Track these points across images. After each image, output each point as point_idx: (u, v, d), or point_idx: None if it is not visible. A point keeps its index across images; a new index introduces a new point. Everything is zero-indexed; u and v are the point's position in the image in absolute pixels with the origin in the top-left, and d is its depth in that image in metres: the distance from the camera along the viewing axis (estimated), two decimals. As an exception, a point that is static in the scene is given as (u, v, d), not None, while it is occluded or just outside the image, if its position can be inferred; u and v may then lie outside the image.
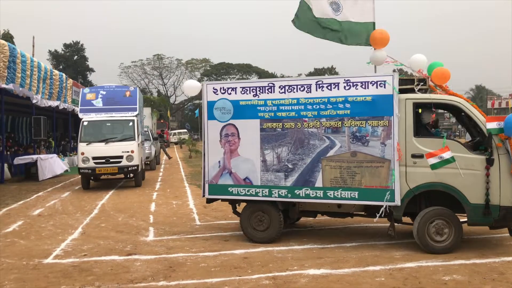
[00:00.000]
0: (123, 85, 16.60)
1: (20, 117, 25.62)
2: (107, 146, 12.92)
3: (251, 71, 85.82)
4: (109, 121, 13.59)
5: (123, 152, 12.89)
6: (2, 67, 13.15)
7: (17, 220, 8.77)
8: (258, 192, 6.57)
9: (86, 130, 13.23)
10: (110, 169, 12.85)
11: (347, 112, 6.19)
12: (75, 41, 73.91)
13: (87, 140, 12.96)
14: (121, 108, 13.75)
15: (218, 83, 6.89)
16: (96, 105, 13.70)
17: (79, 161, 12.87)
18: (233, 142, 6.70)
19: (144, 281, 5.07)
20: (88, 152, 12.74)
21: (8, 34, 39.27)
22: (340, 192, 6.20)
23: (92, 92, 14.20)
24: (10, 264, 5.82)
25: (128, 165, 12.94)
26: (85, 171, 12.76)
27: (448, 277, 5.00)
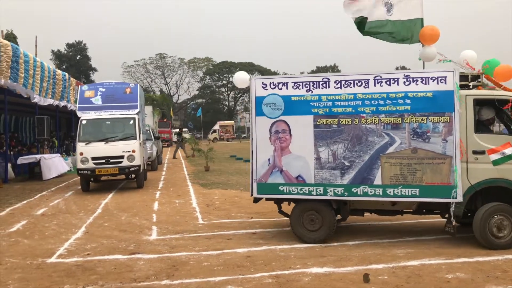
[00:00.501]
0: (123, 82, 15.56)
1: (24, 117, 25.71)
2: (107, 145, 12.35)
3: (253, 69, 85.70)
4: (109, 119, 13.02)
5: (124, 152, 12.28)
6: (5, 67, 13.17)
7: (21, 219, 8.81)
8: (312, 191, 6.38)
9: (85, 129, 12.69)
10: (110, 170, 12.24)
11: (407, 108, 6.15)
12: (77, 41, 74.16)
13: (86, 140, 12.42)
14: (121, 105, 13.15)
15: (268, 78, 6.68)
16: (95, 102, 13.07)
17: (78, 162, 12.28)
18: (284, 139, 6.49)
19: (147, 280, 5.08)
20: (87, 152, 12.18)
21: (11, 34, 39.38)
22: (400, 190, 6.11)
23: (91, 89, 13.52)
24: (14, 263, 5.85)
25: (129, 166, 12.32)
26: (84, 172, 12.16)
27: (451, 275, 5.00)
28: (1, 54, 12.85)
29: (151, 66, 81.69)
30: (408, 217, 8.15)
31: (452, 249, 6.01)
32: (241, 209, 9.37)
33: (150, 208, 9.77)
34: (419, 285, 4.74)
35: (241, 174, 16.40)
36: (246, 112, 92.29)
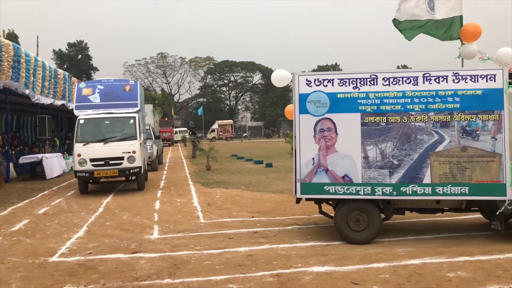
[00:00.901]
0: (122, 79, 14.75)
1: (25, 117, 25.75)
2: (106, 146, 11.78)
3: (254, 68, 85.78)
4: (107, 118, 12.43)
5: (124, 153, 11.71)
6: (7, 67, 13.20)
7: (22, 218, 8.83)
8: (359, 190, 6.25)
9: (83, 128, 12.10)
10: (110, 172, 11.68)
11: (456, 106, 6.13)
12: (79, 40, 74.27)
13: (84, 140, 11.86)
14: (120, 104, 12.51)
15: (313, 75, 6.52)
16: (93, 101, 12.42)
17: (75, 164, 11.67)
18: (329, 138, 6.34)
19: (149, 279, 5.09)
20: (85, 154, 11.59)
21: (13, 34, 39.42)
22: (449, 188, 6.10)
23: (88, 86, 12.79)
24: (16, 262, 5.86)
25: (129, 167, 11.72)
26: (82, 174, 11.57)
27: (453, 273, 5.00)
28: (3, 54, 12.87)
29: (152, 66, 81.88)
30: (409, 216, 8.15)
31: (453, 248, 6.01)
32: (242, 208, 9.38)
33: (151, 207, 9.79)
34: (420, 284, 4.74)
35: (242, 173, 16.42)
36: (247, 111, 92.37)
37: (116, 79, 13.38)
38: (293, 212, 8.79)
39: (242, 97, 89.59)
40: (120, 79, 13.66)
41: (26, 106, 19.10)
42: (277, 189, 12.04)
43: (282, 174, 15.42)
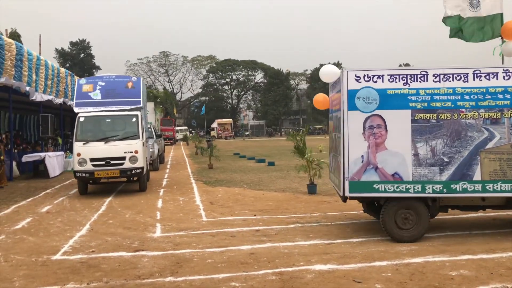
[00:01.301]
0: (124, 75, 13.85)
1: (28, 115, 25.81)
2: (107, 145, 11.28)
3: (256, 67, 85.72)
4: (109, 116, 11.89)
5: (126, 153, 11.22)
6: (10, 66, 13.22)
7: (25, 217, 8.86)
8: (409, 188, 6.20)
9: (83, 127, 11.58)
10: (110, 172, 11.18)
11: (507, 103, 6.14)
12: (81, 39, 74.33)
13: (84, 139, 11.35)
14: (122, 101, 11.95)
15: (362, 70, 6.37)
16: (94, 97, 11.87)
17: (75, 163, 11.15)
18: (379, 135, 6.25)
19: (152, 277, 5.10)
20: (85, 153, 11.08)
21: (16, 33, 39.46)
22: (500, 185, 6.10)
23: (89, 83, 12.22)
24: (19, 260, 5.89)
25: (131, 168, 11.23)
26: (81, 174, 11.09)
27: (455, 272, 4.99)
28: (5, 53, 12.88)
29: (155, 64, 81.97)
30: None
31: (455, 246, 6.01)
32: (244, 207, 9.39)
33: (154, 206, 9.80)
34: (422, 282, 4.74)
35: (244, 171, 16.43)
36: (249, 110, 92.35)
37: (118, 75, 12.87)
38: (295, 210, 8.79)
39: (244, 95, 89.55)
40: (122, 75, 13.01)
41: (29, 104, 19.13)
42: (279, 187, 12.05)
43: (284, 173, 15.42)
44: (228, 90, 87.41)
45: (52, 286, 4.89)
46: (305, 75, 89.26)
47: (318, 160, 11.12)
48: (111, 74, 12.78)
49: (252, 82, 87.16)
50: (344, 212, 8.56)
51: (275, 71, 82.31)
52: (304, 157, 11.15)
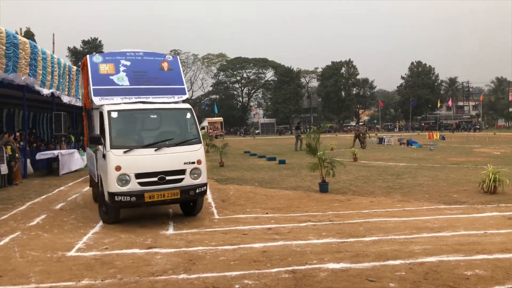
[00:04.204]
0: (154, 52, 9.22)
1: (41, 113, 26.13)
2: (159, 154, 7.56)
3: (267, 65, 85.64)
4: (153, 110, 8.26)
5: (186, 164, 7.70)
6: (24, 65, 13.40)
7: (40, 214, 8.97)
8: None
9: (117, 126, 7.74)
10: (168, 194, 7.45)
11: None
12: (93, 38, 74.97)
13: (124, 145, 7.53)
14: (160, 89, 8.50)
15: None
16: (118, 83, 8.25)
17: (111, 182, 7.31)
18: None
19: (165, 274, 5.13)
20: (128, 166, 7.33)
21: (30, 32, 39.97)
22: None
23: (107, 61, 8.52)
24: (35, 256, 5.97)
25: (194, 185, 7.70)
26: (124, 198, 7.27)
27: (470, 272, 4.94)
28: (20, 52, 13.05)
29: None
30: (424, 213, 8.09)
31: (470, 245, 5.94)
32: (256, 205, 9.39)
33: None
34: (437, 281, 4.69)
35: (255, 170, 16.43)
36: (260, 108, 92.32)
37: (146, 52, 9.05)
38: (307, 209, 8.77)
39: (254, 93, 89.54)
40: (152, 52, 9.13)
41: (42, 103, 19.38)
42: (290, 186, 12.02)
43: (295, 171, 15.39)
44: (238, 88, 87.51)
45: (67, 282, 4.94)
46: (316, 72, 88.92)
47: (330, 159, 11.08)
48: (136, 50, 9.02)
49: (262, 80, 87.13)
50: (356, 211, 8.52)
51: (286, 69, 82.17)
52: (316, 155, 11.11)
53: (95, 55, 8.71)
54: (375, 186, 11.60)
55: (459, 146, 29.90)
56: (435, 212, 8.22)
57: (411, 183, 11.97)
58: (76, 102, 19.43)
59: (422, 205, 8.91)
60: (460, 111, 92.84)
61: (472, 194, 9.94)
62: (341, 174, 13.23)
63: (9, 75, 12.56)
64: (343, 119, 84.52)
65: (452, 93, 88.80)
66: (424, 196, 9.87)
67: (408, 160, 19.16)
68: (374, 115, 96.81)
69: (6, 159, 12.98)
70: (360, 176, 13.57)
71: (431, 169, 15.40)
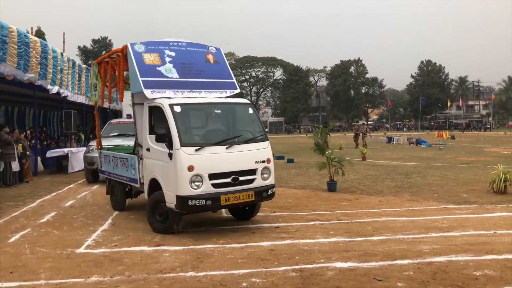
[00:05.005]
0: (197, 43, 8.35)
1: (52, 112, 26.37)
2: (231, 152, 6.85)
3: (276, 64, 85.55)
4: (217, 105, 7.54)
5: (257, 163, 7.12)
6: (35, 63, 13.53)
7: (50, 211, 9.07)
8: None
9: (184, 122, 6.96)
10: (243, 196, 6.80)
11: None
12: (103, 37, 75.45)
13: (195, 142, 6.82)
14: (210, 82, 7.80)
15: None
16: (167, 75, 7.45)
17: (183, 184, 6.45)
18: None
19: (173, 271, 5.16)
20: (201, 166, 6.55)
21: (40, 31, 40.35)
22: None
23: (151, 51, 7.61)
24: (45, 253, 6.03)
25: (265, 186, 7.17)
26: (198, 202, 6.46)
27: (479, 272, 4.90)
28: (31, 50, 13.18)
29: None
30: (432, 213, 8.04)
31: (479, 245, 5.89)
32: (264, 203, 9.36)
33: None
34: (445, 281, 4.67)
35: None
36: (268, 106, 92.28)
37: (189, 42, 8.20)
38: (315, 208, 8.76)
39: (263, 92, 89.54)
40: (195, 43, 8.31)
41: (52, 101, 19.55)
42: (298, 184, 12.01)
43: (303, 170, 15.37)
44: (247, 87, 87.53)
45: (76, 279, 4.99)
46: (325, 71, 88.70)
47: (338, 158, 11.04)
48: (179, 40, 8.14)
49: (271, 79, 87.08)
50: (364, 210, 8.49)
51: (295, 68, 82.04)
52: (324, 154, 11.08)
53: (137, 44, 7.65)
54: (383, 185, 11.55)
55: (469, 145, 29.64)
56: (444, 211, 8.16)
57: (420, 182, 11.90)
58: (86, 100, 19.58)
59: (431, 204, 8.86)
60: (470, 111, 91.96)
61: (482, 194, 9.86)
62: (350, 173, 13.18)
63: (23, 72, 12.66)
64: (352, 118, 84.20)
65: (462, 92, 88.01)
66: (433, 196, 9.81)
67: (417, 159, 19.04)
68: (383, 114, 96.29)
69: (17, 155, 13.14)
70: (369, 175, 13.51)
71: (440, 168, 15.30)
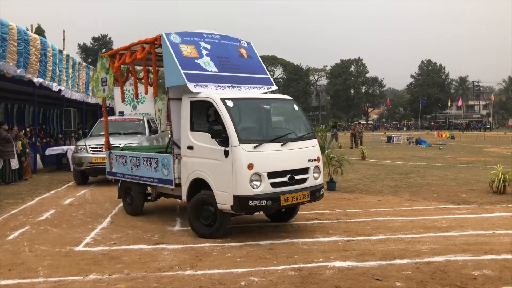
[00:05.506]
0: (228, 36, 7.88)
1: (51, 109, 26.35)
2: (285, 150, 6.47)
3: (276, 63, 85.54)
4: (265, 101, 7.27)
5: (310, 162, 6.77)
6: (35, 61, 13.51)
7: (49, 209, 9.06)
8: None
9: (239, 118, 6.58)
10: (299, 196, 6.46)
11: None
12: (103, 34, 75.44)
13: (253, 139, 6.36)
14: (246, 77, 7.48)
15: None
16: (206, 68, 7.01)
17: (243, 183, 6.03)
18: None
19: (172, 270, 5.16)
20: (260, 164, 6.16)
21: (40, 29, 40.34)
22: None
23: (186, 42, 7.11)
24: (43, 251, 6.03)
25: (317, 186, 6.84)
26: (260, 203, 6.08)
27: (478, 272, 4.90)
28: (30, 48, 13.17)
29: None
30: (431, 213, 8.04)
31: (478, 245, 5.89)
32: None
33: (173, 200, 9.86)
34: (444, 281, 4.67)
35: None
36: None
37: (222, 35, 7.73)
38: (314, 207, 8.76)
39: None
40: (227, 36, 7.86)
41: (52, 99, 19.54)
42: (298, 183, 11.99)
43: (303, 169, 15.33)
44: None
45: (75, 277, 4.99)
46: (325, 70, 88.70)
47: (338, 157, 11.04)
48: (212, 32, 7.66)
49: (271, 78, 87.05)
50: (363, 209, 8.50)
51: (295, 67, 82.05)
52: (323, 153, 11.07)
53: (171, 34, 7.13)
54: (383, 185, 11.55)
55: (469, 145, 29.65)
56: (443, 211, 8.16)
57: (420, 182, 11.91)
58: (86, 98, 19.57)
59: (430, 204, 8.86)
60: (470, 111, 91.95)
61: (481, 194, 9.86)
62: (349, 173, 13.18)
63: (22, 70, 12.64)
64: (352, 117, 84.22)
65: (462, 92, 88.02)
66: (432, 196, 9.81)
67: (417, 159, 19.04)
68: (383, 113, 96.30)
69: (17, 153, 13.13)
70: (368, 175, 13.52)
71: (440, 168, 15.30)
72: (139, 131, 13.58)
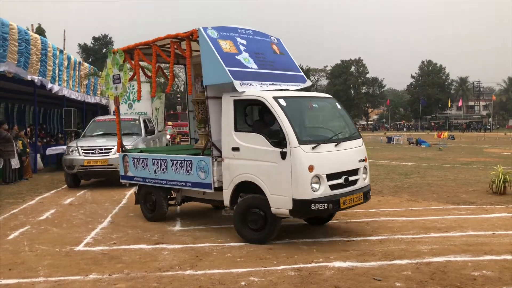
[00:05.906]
0: (259, 31, 7.64)
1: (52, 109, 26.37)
2: (339, 150, 6.23)
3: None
4: (312, 99, 7.10)
5: (360, 162, 6.58)
6: (35, 61, 13.52)
7: (49, 208, 9.07)
8: None
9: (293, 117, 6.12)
10: (355, 198, 6.28)
11: None
12: (103, 34, 75.34)
13: (311, 139, 6.15)
14: (282, 75, 7.21)
15: None
16: (247, 65, 6.74)
17: (304, 186, 5.75)
18: None
19: (172, 269, 5.17)
20: (320, 165, 5.87)
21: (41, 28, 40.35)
22: None
23: (224, 37, 6.82)
24: (44, 250, 6.04)
25: (366, 187, 6.66)
26: (322, 206, 5.78)
27: (478, 272, 4.91)
28: (31, 48, 13.17)
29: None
30: (432, 213, 8.04)
31: (478, 246, 5.90)
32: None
33: (173, 200, 9.89)
34: (444, 282, 4.67)
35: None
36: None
37: (254, 31, 7.52)
38: (314, 207, 8.75)
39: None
40: (259, 32, 7.64)
41: (52, 98, 19.53)
42: (298, 184, 11.99)
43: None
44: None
45: (75, 276, 5.00)
46: (325, 71, 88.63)
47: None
48: (245, 27, 7.44)
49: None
50: (363, 209, 8.49)
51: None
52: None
53: (209, 28, 6.74)
54: (383, 185, 11.55)
55: (469, 146, 29.65)
56: (443, 212, 8.17)
57: (420, 182, 11.91)
58: (86, 98, 19.59)
59: (430, 205, 8.87)
60: (470, 111, 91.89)
61: (481, 195, 9.86)
62: (349, 173, 13.17)
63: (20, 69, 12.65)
64: (352, 117, 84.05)
65: (462, 92, 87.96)
66: (432, 196, 9.82)
67: (417, 159, 19.05)
68: (383, 114, 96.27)
69: (17, 153, 13.13)
70: (368, 175, 13.50)
71: (440, 169, 15.30)
72: (135, 131, 12.91)
